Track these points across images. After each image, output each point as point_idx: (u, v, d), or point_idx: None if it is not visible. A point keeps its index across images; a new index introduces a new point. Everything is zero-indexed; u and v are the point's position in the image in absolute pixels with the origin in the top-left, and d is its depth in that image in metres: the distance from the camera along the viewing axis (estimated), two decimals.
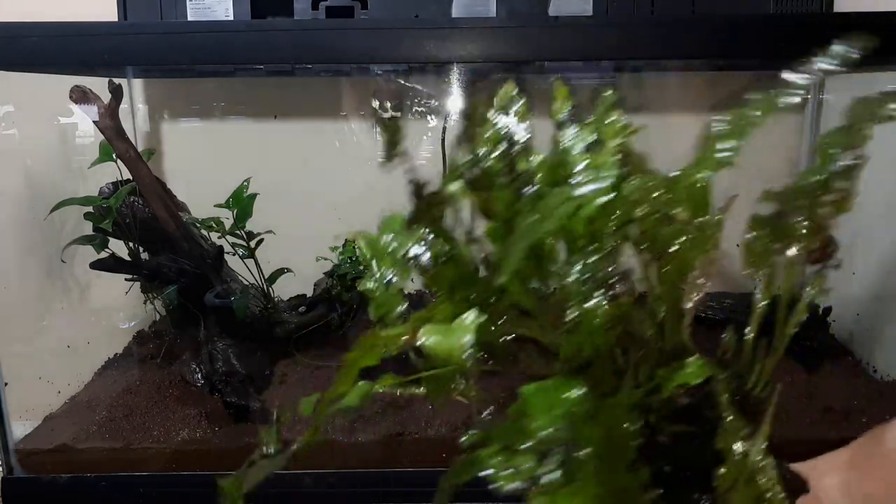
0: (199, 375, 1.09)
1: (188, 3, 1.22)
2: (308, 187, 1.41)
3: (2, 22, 0.83)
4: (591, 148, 0.48)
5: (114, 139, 1.09)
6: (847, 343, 1.25)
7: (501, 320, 0.47)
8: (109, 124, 1.08)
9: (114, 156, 1.12)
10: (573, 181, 0.45)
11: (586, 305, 0.43)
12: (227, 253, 1.23)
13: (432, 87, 1.33)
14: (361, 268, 1.23)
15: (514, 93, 0.51)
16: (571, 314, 0.44)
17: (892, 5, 0.87)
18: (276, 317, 1.24)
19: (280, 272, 1.26)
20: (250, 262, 1.23)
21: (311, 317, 1.25)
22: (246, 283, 1.24)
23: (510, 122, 0.50)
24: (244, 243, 1.21)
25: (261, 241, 1.22)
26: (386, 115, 0.45)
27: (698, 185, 0.48)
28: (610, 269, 0.45)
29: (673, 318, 0.51)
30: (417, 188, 0.46)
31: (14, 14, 1.25)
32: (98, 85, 1.07)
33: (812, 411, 1.02)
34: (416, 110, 1.36)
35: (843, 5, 1.19)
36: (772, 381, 0.50)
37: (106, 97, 1.07)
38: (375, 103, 0.48)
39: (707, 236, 0.48)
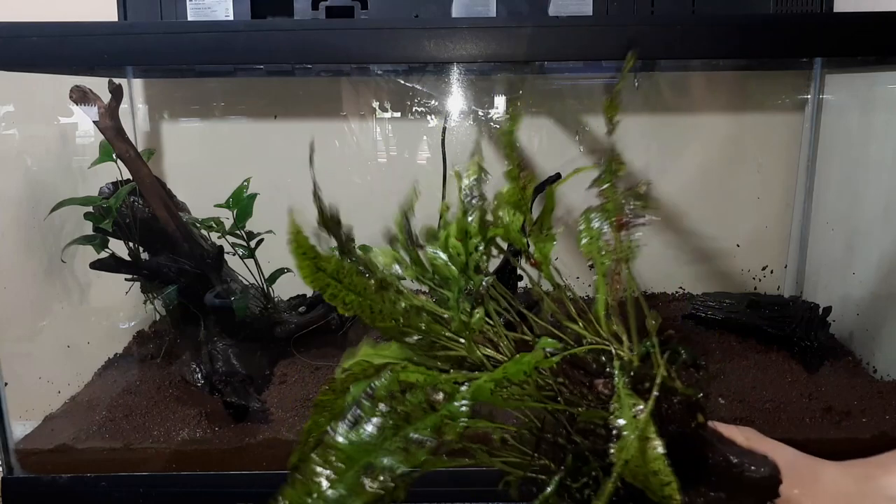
0: (199, 375, 1.09)
1: (188, 3, 1.22)
2: (308, 187, 1.41)
3: (2, 22, 0.83)
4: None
5: (114, 139, 1.09)
6: (847, 343, 1.25)
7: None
8: (109, 124, 1.08)
9: (114, 156, 1.12)
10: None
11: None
12: (227, 253, 1.23)
13: (432, 87, 1.33)
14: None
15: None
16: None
17: (892, 5, 0.87)
18: (276, 317, 1.24)
19: (280, 272, 1.26)
20: (250, 262, 1.23)
21: (311, 317, 1.25)
22: (246, 283, 1.24)
23: None
24: (244, 243, 1.21)
25: (261, 241, 1.22)
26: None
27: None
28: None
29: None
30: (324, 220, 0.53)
31: (14, 14, 1.25)
32: (98, 85, 1.07)
33: (812, 411, 1.02)
34: (416, 110, 1.36)
35: (843, 5, 1.19)
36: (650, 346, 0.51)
37: (106, 97, 1.06)
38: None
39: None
